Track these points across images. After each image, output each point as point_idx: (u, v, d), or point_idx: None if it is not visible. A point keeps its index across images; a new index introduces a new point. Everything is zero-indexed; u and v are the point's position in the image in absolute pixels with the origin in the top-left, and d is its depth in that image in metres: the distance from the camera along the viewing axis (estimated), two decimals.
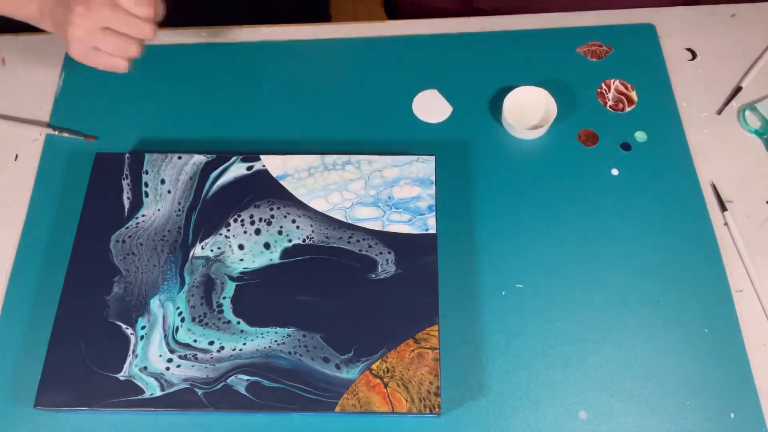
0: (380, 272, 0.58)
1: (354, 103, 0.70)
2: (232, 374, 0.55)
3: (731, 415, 0.55)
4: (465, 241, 0.62)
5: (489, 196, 0.65)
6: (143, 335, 0.56)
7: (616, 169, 0.66)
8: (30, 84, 0.73)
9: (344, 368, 0.55)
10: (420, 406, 0.53)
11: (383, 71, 0.72)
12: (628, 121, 0.68)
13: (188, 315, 0.57)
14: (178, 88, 0.72)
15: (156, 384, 0.54)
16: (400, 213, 0.61)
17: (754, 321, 0.59)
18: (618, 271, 0.61)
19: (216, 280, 0.59)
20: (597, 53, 0.72)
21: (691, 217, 0.63)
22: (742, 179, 0.65)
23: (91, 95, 0.72)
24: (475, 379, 0.57)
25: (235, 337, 0.56)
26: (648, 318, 0.59)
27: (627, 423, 0.55)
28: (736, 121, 0.69)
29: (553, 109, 0.67)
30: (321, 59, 0.73)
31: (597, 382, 0.57)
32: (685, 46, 0.73)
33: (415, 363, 0.55)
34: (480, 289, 0.60)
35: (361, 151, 0.67)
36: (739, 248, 0.62)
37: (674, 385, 0.56)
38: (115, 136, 0.69)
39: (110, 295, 0.58)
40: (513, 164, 0.66)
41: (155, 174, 0.63)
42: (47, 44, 0.75)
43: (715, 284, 0.60)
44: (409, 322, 0.56)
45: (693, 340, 0.58)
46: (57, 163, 0.68)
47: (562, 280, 0.61)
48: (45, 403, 0.54)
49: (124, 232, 0.61)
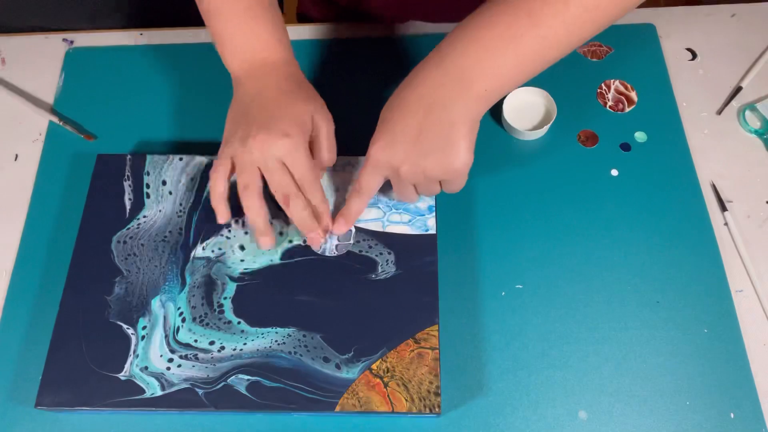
0: (380, 272, 0.59)
1: (354, 103, 0.70)
2: (232, 374, 0.55)
3: (731, 415, 0.55)
4: (465, 242, 0.63)
5: (489, 196, 0.65)
6: (144, 335, 0.56)
7: (616, 170, 0.66)
8: (30, 84, 0.73)
9: (344, 368, 0.55)
10: (420, 405, 0.53)
11: (384, 72, 0.72)
12: (628, 121, 0.68)
13: (189, 315, 0.57)
14: (178, 88, 0.72)
15: (157, 384, 0.55)
16: (400, 214, 0.61)
17: (754, 321, 0.59)
18: (618, 271, 0.61)
19: (217, 281, 0.59)
20: (597, 53, 0.72)
21: (691, 217, 0.63)
22: (742, 179, 0.65)
23: (91, 95, 0.72)
24: (475, 379, 0.57)
25: (236, 337, 0.56)
26: (648, 318, 0.59)
27: (627, 423, 0.55)
28: (736, 121, 0.69)
29: (553, 110, 0.67)
30: (321, 59, 0.73)
31: (597, 382, 0.57)
32: (685, 46, 0.73)
33: (415, 363, 0.55)
34: (480, 289, 0.60)
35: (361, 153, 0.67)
36: (739, 248, 0.62)
37: (674, 385, 0.56)
38: (115, 136, 0.69)
39: (111, 296, 0.58)
40: (513, 165, 0.66)
41: (157, 175, 0.63)
42: (47, 44, 0.75)
43: (714, 284, 0.60)
44: (409, 322, 0.56)
45: (693, 340, 0.58)
46: (57, 164, 0.68)
47: (562, 280, 0.61)
48: (46, 403, 0.54)
49: (126, 232, 0.61)
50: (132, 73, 0.73)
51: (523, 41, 0.50)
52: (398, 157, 0.53)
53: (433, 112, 0.52)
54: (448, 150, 0.52)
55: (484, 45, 0.51)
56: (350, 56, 0.74)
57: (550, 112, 0.67)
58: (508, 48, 0.50)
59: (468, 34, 0.52)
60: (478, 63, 0.51)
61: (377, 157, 0.54)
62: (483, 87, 0.51)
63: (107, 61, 0.74)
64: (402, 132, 0.53)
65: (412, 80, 0.54)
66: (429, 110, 0.52)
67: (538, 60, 0.52)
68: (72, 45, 0.75)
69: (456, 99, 0.51)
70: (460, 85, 0.51)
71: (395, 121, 0.53)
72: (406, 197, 0.57)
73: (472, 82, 0.51)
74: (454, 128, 0.51)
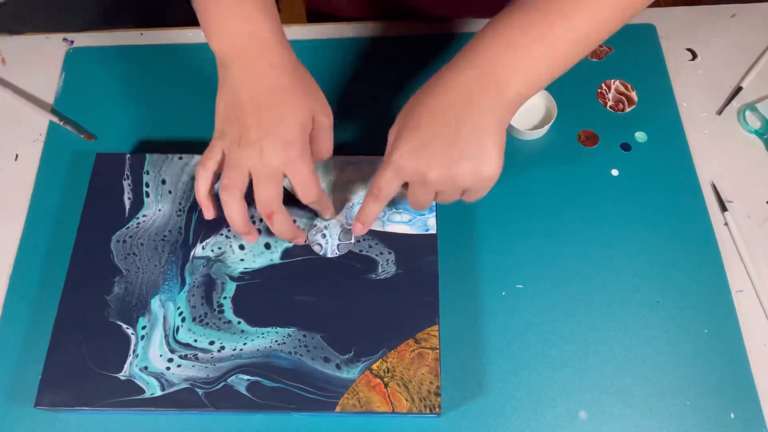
0: (381, 272, 0.59)
1: (354, 104, 0.70)
2: (232, 374, 0.55)
3: (731, 415, 0.55)
4: (465, 241, 0.63)
5: (489, 196, 0.64)
6: (144, 335, 0.56)
7: (616, 170, 0.66)
8: (30, 84, 0.73)
9: (344, 368, 0.55)
10: (420, 406, 0.53)
11: (384, 72, 0.72)
12: (628, 121, 0.68)
13: (189, 315, 0.57)
14: (178, 88, 0.72)
15: (156, 384, 0.54)
16: (400, 213, 0.61)
17: (754, 321, 0.59)
18: (618, 271, 0.61)
19: (217, 280, 0.59)
20: (597, 53, 0.72)
21: (691, 217, 0.63)
22: (742, 179, 0.65)
23: (91, 95, 0.72)
24: (475, 379, 0.57)
25: (236, 337, 0.56)
26: (648, 318, 0.59)
27: (627, 423, 0.55)
28: (736, 121, 0.69)
29: (553, 110, 0.67)
30: (322, 59, 0.73)
31: (597, 382, 0.57)
32: (685, 46, 0.73)
33: (416, 363, 0.55)
34: (480, 289, 0.60)
35: (361, 153, 0.67)
36: (739, 248, 0.62)
37: (674, 385, 0.56)
38: (115, 136, 0.69)
39: (111, 295, 0.58)
40: (513, 165, 0.66)
41: (156, 174, 0.63)
42: (47, 44, 0.75)
43: (714, 284, 0.60)
44: (409, 322, 0.56)
45: (693, 341, 0.58)
46: (57, 164, 0.68)
47: (562, 280, 0.61)
48: (45, 403, 0.54)
49: (125, 232, 0.61)
50: (132, 73, 0.73)
51: (558, 45, 0.49)
52: (427, 163, 0.51)
53: (466, 118, 0.50)
54: (482, 158, 0.50)
55: (520, 50, 0.49)
56: (357, 56, 0.73)
57: (550, 112, 0.67)
58: (544, 53, 0.49)
59: (501, 38, 0.50)
60: (513, 68, 0.50)
61: (402, 164, 0.52)
62: (517, 92, 0.50)
63: (107, 61, 0.74)
64: (432, 138, 0.50)
65: (439, 84, 0.52)
66: (460, 116, 0.50)
67: (569, 61, 0.51)
68: (72, 45, 0.75)
69: (490, 105, 0.50)
70: (494, 90, 0.50)
71: (423, 128, 0.51)
72: (421, 205, 0.56)
73: (506, 87, 0.50)
74: (487, 135, 0.50)
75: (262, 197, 0.54)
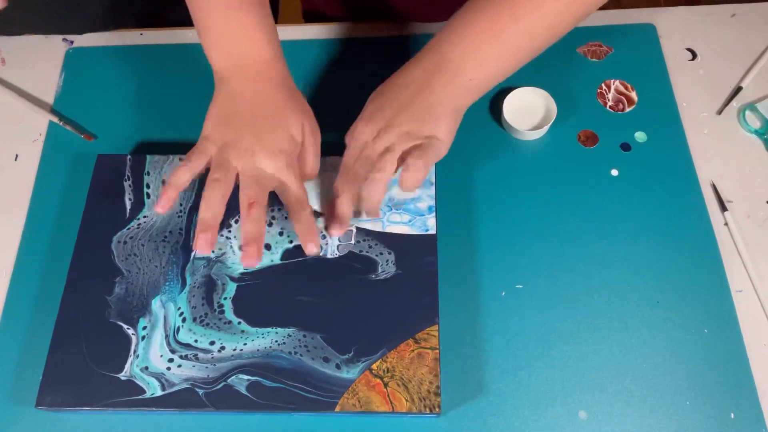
0: (380, 273, 0.59)
1: (354, 104, 0.70)
2: (232, 374, 0.55)
3: (731, 415, 0.55)
4: (465, 242, 0.63)
5: (489, 196, 0.65)
6: (144, 335, 0.57)
7: (616, 170, 0.66)
8: (30, 84, 0.73)
9: (344, 368, 0.55)
10: (420, 405, 0.53)
11: (384, 72, 0.72)
12: (628, 121, 0.68)
13: (189, 315, 0.57)
14: (178, 88, 0.72)
15: (157, 384, 0.55)
16: (400, 214, 0.61)
17: (754, 321, 0.59)
18: (618, 271, 0.61)
19: (217, 281, 0.59)
20: (597, 53, 0.72)
21: (691, 217, 0.63)
22: (742, 179, 0.66)
23: (91, 95, 0.72)
24: (475, 379, 0.57)
25: (236, 338, 0.56)
26: (648, 318, 0.59)
27: (627, 423, 0.55)
28: (736, 121, 0.69)
29: (553, 110, 0.67)
30: (321, 60, 0.73)
31: (597, 382, 0.57)
32: (685, 46, 0.73)
33: (415, 363, 0.55)
34: (480, 289, 0.60)
35: None
36: (739, 248, 0.62)
37: (674, 385, 0.56)
38: (115, 136, 0.69)
39: (112, 296, 0.58)
40: (513, 165, 0.66)
41: (157, 175, 0.63)
42: (47, 44, 0.75)
43: (714, 284, 0.60)
44: (409, 322, 0.56)
45: (693, 340, 0.58)
46: (57, 164, 0.68)
47: (562, 280, 0.61)
48: (46, 403, 0.54)
49: (126, 233, 0.61)
50: (132, 73, 0.73)
51: (505, 35, 0.55)
52: (381, 123, 0.56)
53: (420, 94, 0.56)
54: (430, 121, 0.56)
55: (469, 39, 0.56)
56: (354, 56, 0.74)
57: (550, 112, 0.67)
58: (492, 41, 0.55)
59: (455, 30, 0.57)
60: (464, 55, 0.56)
61: (360, 128, 0.57)
62: (468, 77, 0.56)
63: (107, 61, 0.74)
64: (387, 104, 0.57)
65: (402, 71, 0.58)
66: (416, 92, 0.56)
67: (521, 52, 0.56)
68: (72, 45, 0.75)
69: (443, 86, 0.56)
70: (447, 75, 0.56)
71: (382, 102, 0.57)
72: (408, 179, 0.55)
73: (458, 72, 0.56)
74: (437, 108, 0.56)
75: (250, 191, 0.56)
